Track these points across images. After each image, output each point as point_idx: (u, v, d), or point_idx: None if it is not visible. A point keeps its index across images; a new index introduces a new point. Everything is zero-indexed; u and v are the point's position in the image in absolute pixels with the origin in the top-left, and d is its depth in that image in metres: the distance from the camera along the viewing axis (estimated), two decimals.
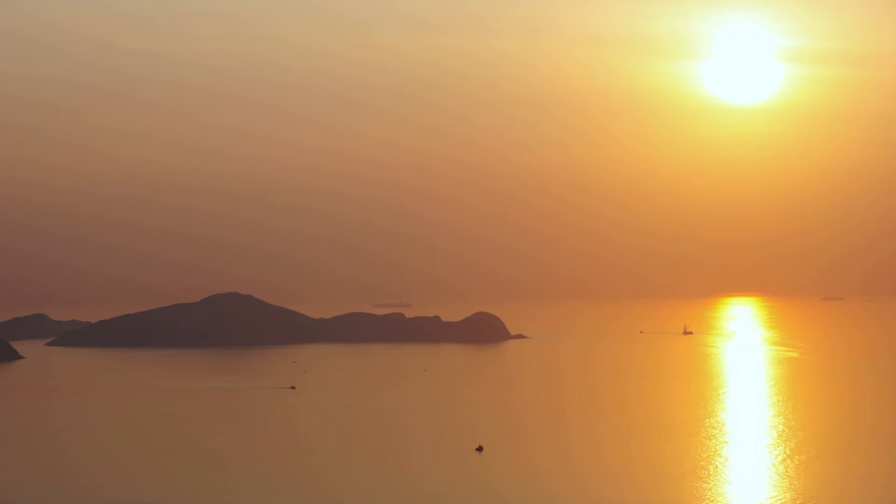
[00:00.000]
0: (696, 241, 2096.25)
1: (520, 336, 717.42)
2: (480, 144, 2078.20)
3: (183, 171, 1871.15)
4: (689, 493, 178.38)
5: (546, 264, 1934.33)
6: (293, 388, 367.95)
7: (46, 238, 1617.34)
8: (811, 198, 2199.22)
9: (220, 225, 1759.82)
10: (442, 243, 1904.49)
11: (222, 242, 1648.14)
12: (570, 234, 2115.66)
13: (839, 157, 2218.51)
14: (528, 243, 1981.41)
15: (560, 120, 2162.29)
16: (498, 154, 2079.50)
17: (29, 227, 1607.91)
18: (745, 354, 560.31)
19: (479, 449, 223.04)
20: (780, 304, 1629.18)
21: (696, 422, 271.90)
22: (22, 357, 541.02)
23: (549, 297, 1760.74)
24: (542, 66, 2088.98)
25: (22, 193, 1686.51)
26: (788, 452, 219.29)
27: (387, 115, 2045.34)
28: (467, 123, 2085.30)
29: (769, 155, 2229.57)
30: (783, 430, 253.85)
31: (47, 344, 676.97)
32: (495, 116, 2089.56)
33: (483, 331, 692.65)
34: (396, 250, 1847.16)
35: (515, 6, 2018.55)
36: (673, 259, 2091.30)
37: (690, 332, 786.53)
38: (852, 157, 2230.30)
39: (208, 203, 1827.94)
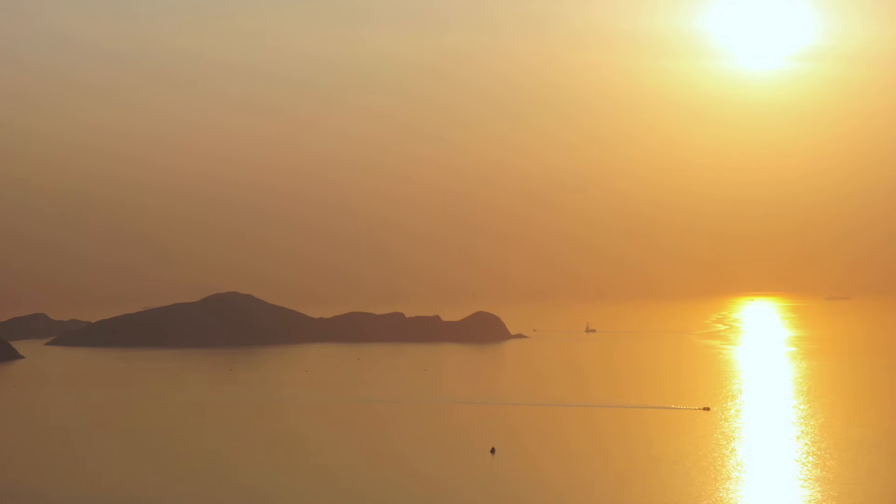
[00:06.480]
0: (697, 242, 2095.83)
1: (520, 336, 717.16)
2: (479, 145, 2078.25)
3: (183, 171, 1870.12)
4: (695, 495, 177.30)
5: (553, 265, 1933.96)
6: (707, 409, 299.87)
7: (46, 237, 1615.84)
8: (814, 197, 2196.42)
9: (220, 224, 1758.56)
10: (441, 243, 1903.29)
11: (222, 242, 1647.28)
12: (573, 235, 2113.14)
13: (844, 156, 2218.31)
14: (533, 244, 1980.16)
15: (568, 120, 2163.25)
16: (502, 154, 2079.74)
17: (28, 226, 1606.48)
18: (736, 352, 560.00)
19: (493, 451, 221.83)
20: (783, 303, 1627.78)
21: (702, 421, 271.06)
22: (22, 357, 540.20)
23: (554, 298, 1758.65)
24: (549, 67, 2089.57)
25: (21, 193, 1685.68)
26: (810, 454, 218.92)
27: (385, 115, 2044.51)
28: (461, 123, 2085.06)
29: (769, 153, 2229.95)
30: (792, 430, 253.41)
31: (47, 344, 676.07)
32: (484, 115, 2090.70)
33: (483, 331, 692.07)
34: (396, 250, 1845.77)
35: (517, 4, 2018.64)
36: (674, 260, 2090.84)
37: (593, 330, 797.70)
38: (858, 155, 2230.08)
39: (208, 202, 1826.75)
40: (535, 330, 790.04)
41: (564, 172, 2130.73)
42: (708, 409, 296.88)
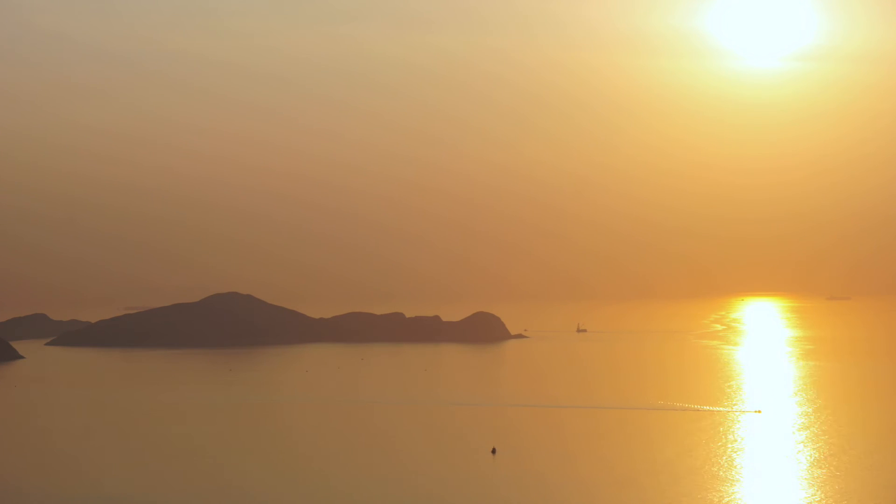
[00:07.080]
0: (697, 243, 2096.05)
1: (520, 336, 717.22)
2: (475, 144, 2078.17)
3: (183, 173, 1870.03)
4: (697, 495, 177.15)
5: (551, 265, 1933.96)
6: (759, 412, 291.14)
7: (47, 239, 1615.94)
8: (815, 198, 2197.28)
9: (220, 225, 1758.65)
10: (441, 242, 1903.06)
11: (222, 242, 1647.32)
12: (574, 234, 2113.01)
13: (846, 157, 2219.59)
14: (535, 244, 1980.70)
15: (567, 121, 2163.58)
16: (501, 153, 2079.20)
17: (29, 228, 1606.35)
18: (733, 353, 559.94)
19: (494, 452, 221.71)
20: (784, 303, 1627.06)
21: (703, 422, 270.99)
22: (22, 357, 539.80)
23: (552, 299, 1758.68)
24: (546, 65, 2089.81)
25: (22, 195, 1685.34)
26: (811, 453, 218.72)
27: (384, 117, 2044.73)
28: (461, 125, 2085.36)
29: (771, 154, 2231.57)
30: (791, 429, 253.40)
31: (47, 344, 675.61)
32: (484, 117, 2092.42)
33: (483, 331, 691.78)
34: (396, 250, 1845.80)
35: (516, 4, 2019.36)
36: (674, 261, 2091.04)
37: (584, 330, 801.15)
38: (861, 157, 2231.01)
39: (207, 203, 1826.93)
40: (525, 330, 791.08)
41: (564, 172, 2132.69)
42: (760, 412, 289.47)
